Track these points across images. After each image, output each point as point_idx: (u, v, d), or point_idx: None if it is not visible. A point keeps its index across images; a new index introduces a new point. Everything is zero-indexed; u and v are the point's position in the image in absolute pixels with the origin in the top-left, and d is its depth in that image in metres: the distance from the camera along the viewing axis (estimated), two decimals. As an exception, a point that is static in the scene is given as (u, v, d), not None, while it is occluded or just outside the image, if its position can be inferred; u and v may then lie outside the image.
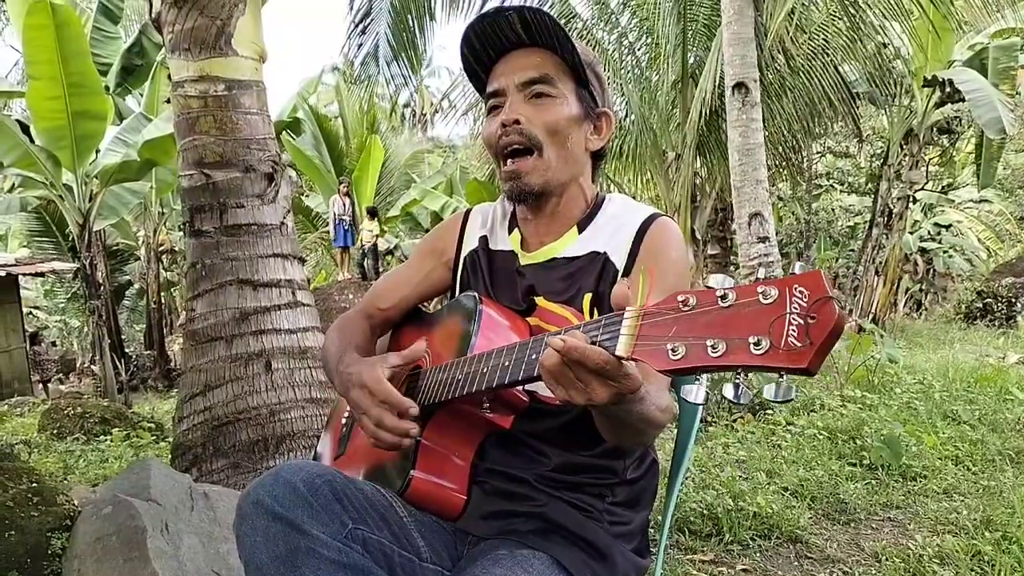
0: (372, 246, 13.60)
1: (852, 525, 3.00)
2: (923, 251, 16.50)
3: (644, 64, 9.78)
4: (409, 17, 7.65)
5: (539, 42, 1.23)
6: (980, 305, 13.30)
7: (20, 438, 5.67)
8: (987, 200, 18.34)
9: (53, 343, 19.31)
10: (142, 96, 11.90)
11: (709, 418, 4.58)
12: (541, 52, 1.23)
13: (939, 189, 16.90)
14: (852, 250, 16.41)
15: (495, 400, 1.14)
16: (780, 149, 9.29)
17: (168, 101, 7.12)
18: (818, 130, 9.89)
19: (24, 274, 12.99)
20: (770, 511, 2.94)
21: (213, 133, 3.41)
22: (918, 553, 2.61)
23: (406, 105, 31.98)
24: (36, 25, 7.97)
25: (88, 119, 8.88)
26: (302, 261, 3.69)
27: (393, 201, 17.21)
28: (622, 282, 0.87)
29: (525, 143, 1.22)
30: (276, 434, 3.24)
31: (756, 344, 0.70)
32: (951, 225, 17.06)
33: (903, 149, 11.37)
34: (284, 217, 3.54)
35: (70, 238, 11.99)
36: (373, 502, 1.12)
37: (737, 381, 0.74)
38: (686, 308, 0.77)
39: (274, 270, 3.45)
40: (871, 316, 11.26)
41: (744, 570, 2.58)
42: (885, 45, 9.00)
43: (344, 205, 13.72)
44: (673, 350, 0.76)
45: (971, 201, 18.35)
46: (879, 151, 13.79)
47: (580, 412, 0.90)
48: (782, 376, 0.71)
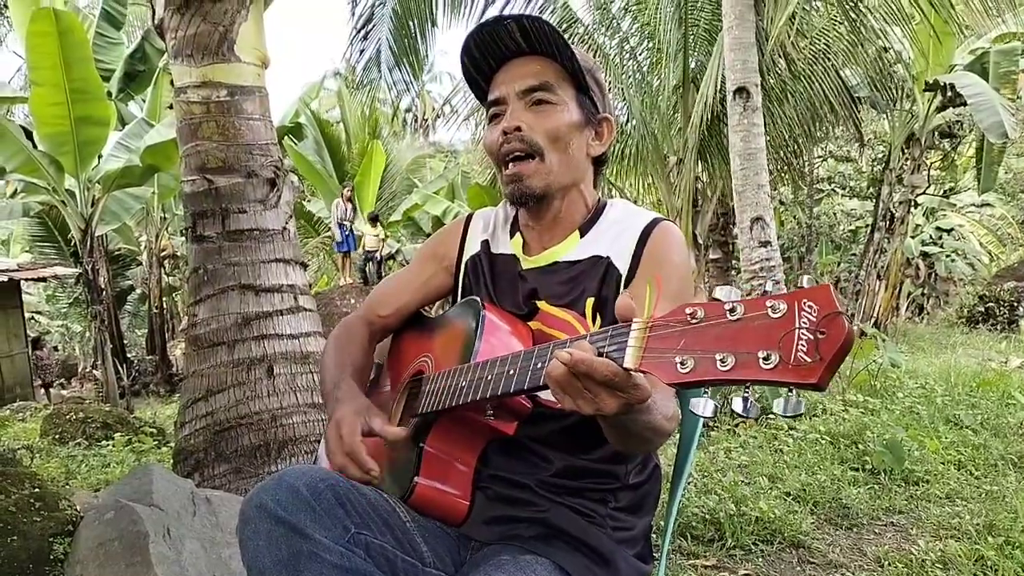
0: (374, 251, 13.58)
1: (854, 530, 2.99)
2: (925, 255, 16.49)
3: (645, 69, 9.79)
4: (411, 23, 7.67)
5: (539, 50, 1.23)
6: (982, 309, 13.27)
7: (22, 443, 5.67)
8: (989, 204, 18.33)
9: (55, 348, 19.32)
10: (144, 102, 11.91)
11: (711, 423, 4.58)
12: (541, 60, 1.24)
13: (941, 193, 16.90)
14: (854, 254, 16.39)
15: (499, 407, 1.14)
16: (781, 153, 9.28)
17: (170, 107, 7.14)
18: (819, 134, 9.88)
19: (26, 279, 13.00)
20: (772, 516, 2.94)
21: (215, 139, 3.42)
22: (921, 558, 2.61)
23: (408, 110, 32.04)
24: (39, 32, 8.00)
25: (91, 125, 8.90)
26: (304, 266, 3.70)
27: (395, 206, 17.24)
28: (625, 293, 0.87)
29: (527, 150, 1.22)
30: (278, 439, 3.24)
31: (766, 359, 0.70)
32: (953, 229, 17.03)
33: (904, 153, 11.36)
34: (286, 222, 3.55)
35: (72, 243, 11.99)
36: (376, 507, 1.12)
37: (746, 395, 0.74)
38: (694, 321, 0.77)
39: (276, 275, 3.46)
40: (873, 320, 11.24)
41: (746, 575, 2.58)
42: (886, 49, 9.00)
43: (347, 210, 13.75)
44: (682, 363, 0.76)
45: (973, 205, 18.33)
46: (880, 155, 13.78)
47: (583, 417, 0.90)
48: (791, 391, 0.71)
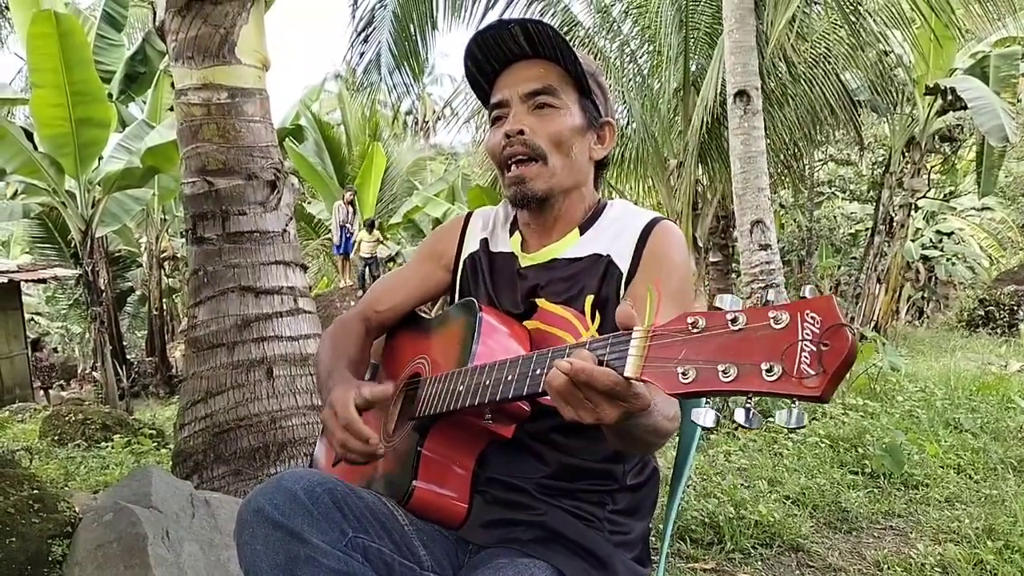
0: (372, 257, 13.48)
1: (854, 534, 2.99)
2: (925, 259, 16.48)
3: (646, 72, 9.79)
4: (411, 26, 7.68)
5: (542, 53, 1.24)
6: (982, 313, 13.26)
7: (21, 444, 5.67)
8: (989, 208, 18.34)
9: (55, 349, 19.33)
10: (145, 103, 11.93)
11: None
12: (544, 63, 1.24)
13: (941, 197, 16.89)
14: (854, 258, 16.38)
15: (497, 411, 1.13)
16: (782, 157, 9.28)
17: (171, 109, 7.13)
18: (820, 138, 9.88)
19: (26, 280, 13.00)
20: (772, 519, 2.94)
21: (216, 141, 3.42)
22: (920, 562, 2.61)
23: (408, 112, 32.07)
24: (40, 34, 8.01)
25: (91, 126, 8.91)
26: (304, 268, 3.70)
27: (395, 208, 17.24)
28: (625, 301, 0.87)
29: (529, 153, 1.23)
30: (277, 441, 3.24)
31: (768, 370, 0.70)
32: (953, 233, 17.04)
33: (905, 157, 11.36)
34: (286, 224, 3.55)
35: (72, 244, 11.99)
36: (374, 511, 1.11)
37: (748, 406, 0.73)
38: (695, 330, 0.76)
39: (276, 277, 3.46)
40: (873, 324, 11.23)
41: (746, 579, 2.57)
42: (887, 53, 9.00)
43: (348, 213, 13.75)
44: (683, 373, 0.75)
45: (973, 209, 18.34)
46: (881, 159, 13.78)
47: None
48: (794, 402, 0.70)
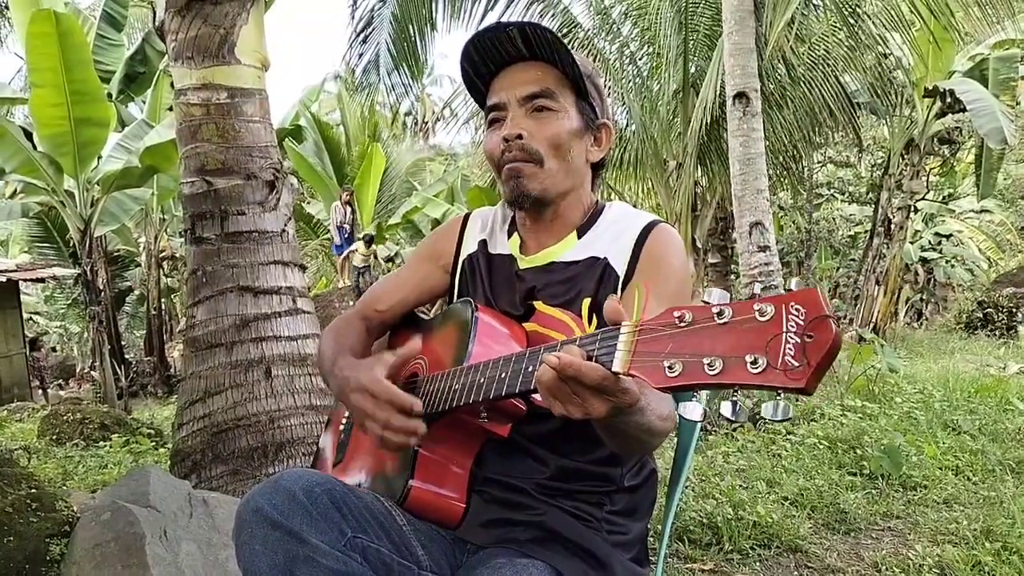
0: (364, 268, 13.22)
1: (852, 535, 2.99)
2: (924, 261, 16.48)
3: (645, 74, 9.80)
4: (410, 27, 7.68)
5: (539, 56, 1.24)
6: (981, 315, 13.26)
7: (19, 444, 5.65)
8: (988, 210, 18.36)
9: (53, 349, 19.32)
10: (144, 103, 11.92)
11: (709, 427, 4.58)
12: (541, 66, 1.24)
13: (940, 199, 16.91)
14: (853, 259, 16.38)
15: (492, 409, 1.14)
16: (781, 159, 9.29)
17: (170, 109, 7.13)
18: (819, 140, 9.89)
19: (25, 280, 12.99)
20: (770, 520, 2.94)
21: (215, 141, 3.42)
22: (918, 563, 2.61)
23: (408, 113, 32.05)
24: (39, 33, 8.00)
25: (90, 126, 8.90)
26: (303, 268, 3.70)
27: (394, 209, 17.24)
28: (612, 298, 0.87)
29: (527, 158, 1.23)
30: (276, 441, 3.24)
31: (753, 363, 0.70)
32: (952, 235, 17.03)
33: (904, 159, 11.37)
34: (285, 224, 3.55)
35: (71, 244, 11.98)
36: (372, 510, 1.12)
37: (734, 399, 0.74)
38: (682, 324, 0.77)
39: (275, 277, 3.46)
40: (872, 326, 11.24)
41: (744, 580, 2.57)
42: (886, 55, 9.01)
43: (345, 213, 13.72)
44: (670, 367, 0.75)
45: (972, 211, 18.36)
46: (880, 161, 13.79)
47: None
48: (780, 395, 0.71)
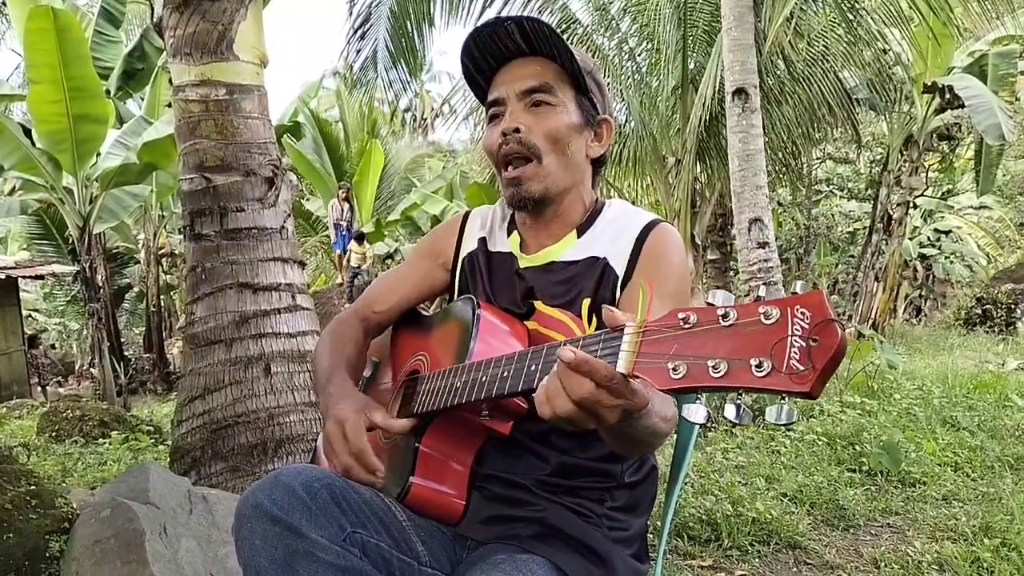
0: (358, 270, 13.07)
1: (851, 531, 3.00)
2: (923, 257, 16.49)
3: (644, 70, 9.78)
4: (408, 23, 7.67)
5: (538, 51, 1.23)
6: (979, 311, 13.27)
7: (19, 440, 5.66)
8: (987, 206, 18.35)
9: (52, 346, 19.30)
10: (143, 100, 11.90)
11: (708, 424, 4.58)
12: (541, 61, 1.24)
13: (939, 195, 16.91)
14: (852, 256, 16.40)
15: (494, 407, 1.13)
16: (780, 155, 9.28)
17: (169, 105, 7.11)
18: (818, 136, 9.88)
19: (24, 277, 12.97)
20: (769, 517, 2.94)
21: (214, 137, 3.41)
22: (917, 559, 2.61)
23: (407, 110, 32.03)
24: (37, 29, 7.98)
25: (89, 123, 8.88)
26: (302, 265, 3.69)
27: (393, 205, 17.21)
28: (609, 309, 0.86)
29: (525, 152, 1.22)
30: (275, 438, 3.24)
31: (758, 366, 0.69)
32: (951, 231, 17.04)
33: (903, 155, 11.37)
34: (284, 221, 3.54)
35: (70, 241, 11.96)
36: (372, 506, 1.11)
37: (738, 402, 0.73)
38: (687, 325, 0.76)
39: (274, 274, 3.45)
40: (871, 322, 11.24)
41: (743, 576, 2.58)
42: (885, 51, 9.00)
43: (343, 210, 13.69)
44: (674, 369, 0.75)
45: (971, 207, 18.35)
46: (879, 157, 13.80)
47: None
48: (784, 398, 0.70)
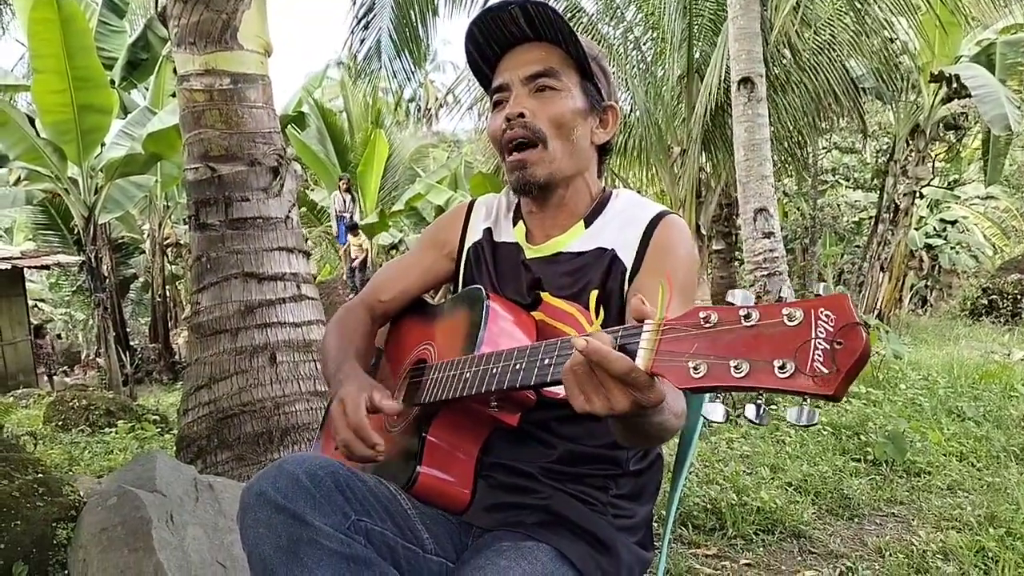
0: (362, 261, 13.04)
1: (856, 521, 3.00)
2: (929, 247, 16.42)
3: (649, 59, 9.74)
4: (411, 12, 7.65)
5: (543, 36, 1.23)
6: (985, 302, 13.24)
7: (26, 429, 5.69)
8: (993, 197, 18.24)
9: (58, 336, 19.38)
10: (147, 90, 11.89)
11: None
12: (545, 46, 1.23)
13: (945, 185, 16.83)
14: (857, 246, 16.35)
15: (503, 399, 1.13)
16: (786, 144, 9.25)
17: (173, 95, 7.09)
18: (824, 125, 9.85)
19: (29, 267, 13.02)
20: (774, 506, 2.94)
21: (218, 127, 3.40)
22: (921, 549, 2.61)
23: (411, 99, 31.93)
24: (41, 19, 7.97)
25: (93, 113, 8.88)
26: (307, 254, 3.69)
27: (397, 195, 17.19)
28: (637, 296, 0.85)
29: (530, 136, 1.22)
30: (281, 427, 3.25)
31: (781, 367, 0.69)
32: (957, 221, 16.95)
33: (909, 145, 11.30)
34: (289, 211, 3.54)
35: (75, 231, 11.98)
36: (377, 494, 1.12)
37: (759, 402, 0.73)
38: (707, 325, 0.76)
39: (279, 263, 3.45)
40: (876, 312, 11.22)
41: (747, 564, 2.58)
42: (892, 40, 8.93)
43: (344, 202, 13.65)
44: (695, 368, 0.74)
45: (977, 197, 18.25)
46: (885, 147, 13.73)
47: None
48: (806, 400, 0.70)
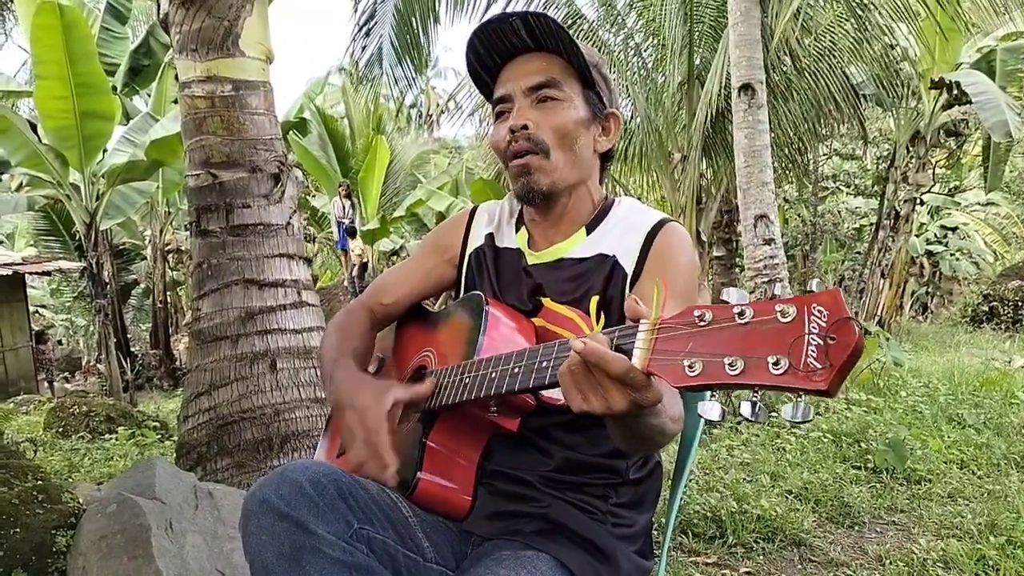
0: (360, 268, 13.00)
1: (856, 529, 2.99)
2: (929, 254, 16.42)
3: (650, 65, 9.75)
4: (413, 20, 7.65)
5: (544, 46, 1.23)
6: (986, 308, 13.22)
7: (26, 436, 5.68)
8: (994, 203, 18.22)
9: (59, 342, 19.37)
10: (149, 96, 11.92)
11: (715, 420, 4.58)
12: (546, 56, 1.24)
13: (946, 192, 16.82)
14: (858, 252, 16.34)
15: (502, 404, 1.14)
16: (786, 151, 9.25)
17: (175, 101, 7.11)
18: (824, 132, 9.84)
19: (31, 273, 13.04)
20: (774, 514, 2.94)
21: (220, 133, 3.41)
22: (922, 557, 2.61)
23: (412, 106, 31.98)
24: (44, 25, 7.99)
25: (95, 119, 8.90)
26: (308, 261, 3.70)
27: (398, 202, 17.21)
28: (632, 295, 0.86)
29: (534, 148, 1.22)
30: (281, 433, 3.25)
31: (775, 364, 0.69)
32: (957, 228, 16.96)
33: (910, 151, 11.31)
34: (290, 217, 3.55)
35: (77, 237, 11.97)
36: (378, 502, 1.12)
37: (754, 399, 0.73)
38: (702, 323, 0.76)
39: (280, 270, 3.46)
40: (877, 319, 11.20)
41: (747, 573, 2.58)
42: (892, 47, 8.94)
43: (344, 208, 13.66)
44: (690, 366, 0.75)
45: (978, 204, 18.24)
46: (886, 153, 13.72)
47: None
48: (800, 396, 0.70)
